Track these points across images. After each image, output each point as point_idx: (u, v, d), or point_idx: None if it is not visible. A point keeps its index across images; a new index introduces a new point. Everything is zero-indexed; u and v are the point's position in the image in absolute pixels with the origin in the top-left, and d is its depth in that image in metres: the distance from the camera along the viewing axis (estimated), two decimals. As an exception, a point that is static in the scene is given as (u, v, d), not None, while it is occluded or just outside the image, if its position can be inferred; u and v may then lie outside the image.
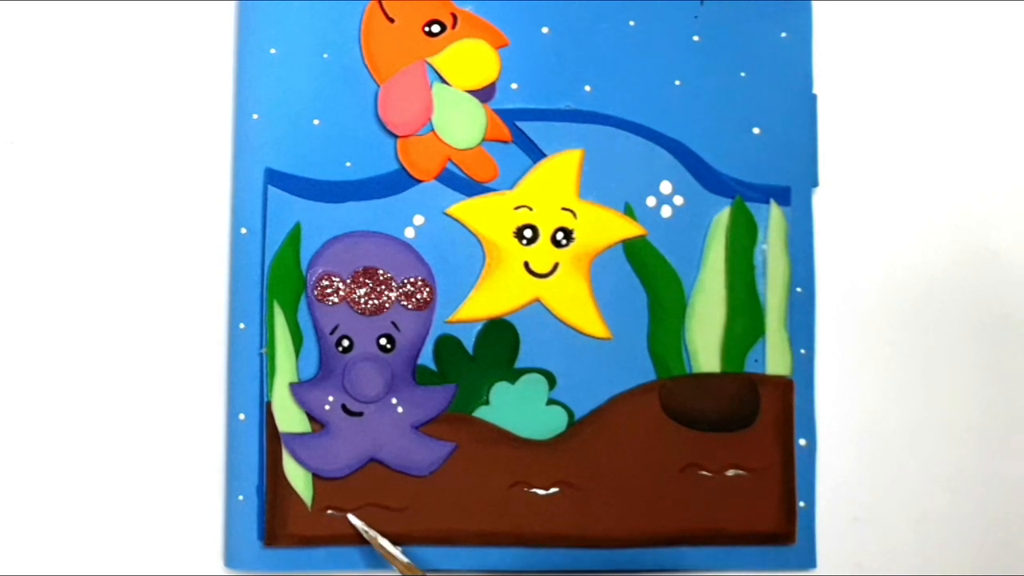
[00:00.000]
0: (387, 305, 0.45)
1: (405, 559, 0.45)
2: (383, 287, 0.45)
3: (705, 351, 0.46)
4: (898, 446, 0.47)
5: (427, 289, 0.46)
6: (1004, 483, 0.47)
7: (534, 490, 0.46)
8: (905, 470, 0.47)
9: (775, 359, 0.47)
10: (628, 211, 0.46)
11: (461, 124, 0.46)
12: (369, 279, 0.45)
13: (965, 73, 0.48)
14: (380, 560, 0.45)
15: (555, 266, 0.46)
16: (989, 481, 0.47)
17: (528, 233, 0.46)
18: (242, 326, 0.46)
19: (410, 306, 0.45)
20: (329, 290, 0.45)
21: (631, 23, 0.47)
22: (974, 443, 0.47)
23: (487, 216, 0.46)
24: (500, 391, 0.46)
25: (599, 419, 0.46)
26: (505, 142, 0.46)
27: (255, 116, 0.46)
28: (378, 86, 0.46)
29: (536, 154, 0.46)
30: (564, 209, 0.46)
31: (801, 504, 0.46)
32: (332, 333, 0.45)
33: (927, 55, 0.48)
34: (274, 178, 0.46)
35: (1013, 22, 0.48)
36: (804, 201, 0.47)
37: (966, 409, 0.47)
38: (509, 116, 0.46)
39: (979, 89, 0.48)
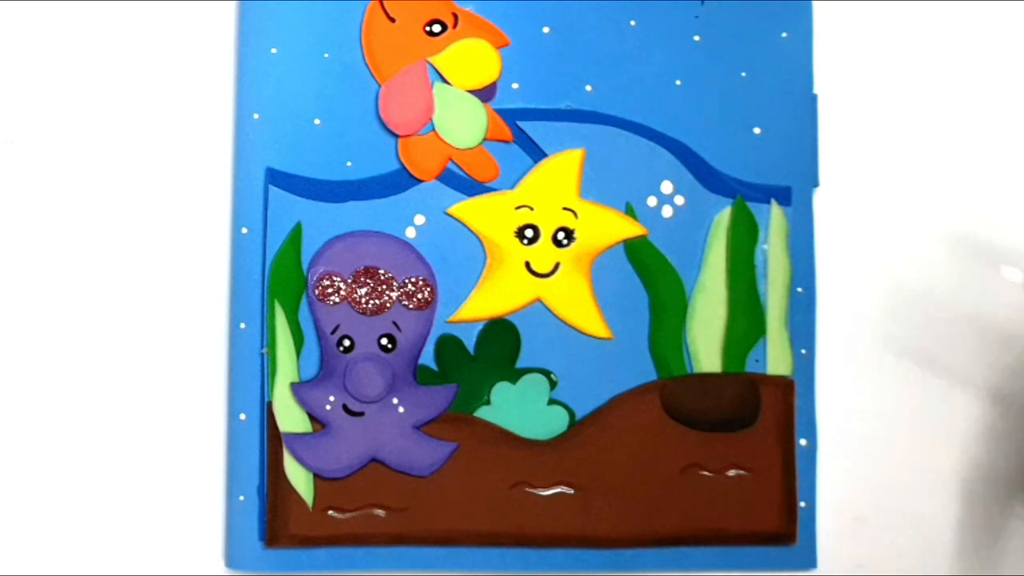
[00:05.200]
0: (388, 305, 0.45)
1: None
2: (384, 287, 0.45)
3: (706, 351, 0.46)
4: (898, 446, 0.47)
5: (428, 289, 0.46)
6: (1004, 483, 0.47)
7: (535, 490, 0.46)
8: (905, 470, 0.47)
9: (776, 359, 0.47)
10: (629, 211, 0.46)
11: (462, 124, 0.46)
12: (370, 279, 0.45)
13: (965, 73, 0.48)
14: (381, 561, 0.45)
15: (556, 266, 0.46)
16: (989, 480, 0.47)
17: (529, 233, 0.46)
18: (243, 326, 0.45)
19: (411, 306, 0.45)
20: (330, 290, 0.45)
21: (632, 23, 0.47)
22: (974, 442, 0.47)
23: (488, 216, 0.46)
24: (501, 391, 0.46)
25: (600, 419, 0.46)
26: (506, 142, 0.46)
27: (256, 116, 0.46)
28: (379, 86, 0.46)
29: (537, 154, 0.46)
30: (565, 209, 0.46)
31: (802, 504, 0.46)
32: (333, 333, 0.45)
33: (927, 55, 0.48)
34: (275, 178, 0.46)
35: (1013, 22, 0.48)
36: (804, 201, 0.47)
37: (966, 409, 0.47)
38: (510, 116, 0.46)
39: (980, 89, 0.48)
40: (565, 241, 0.46)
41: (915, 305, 0.48)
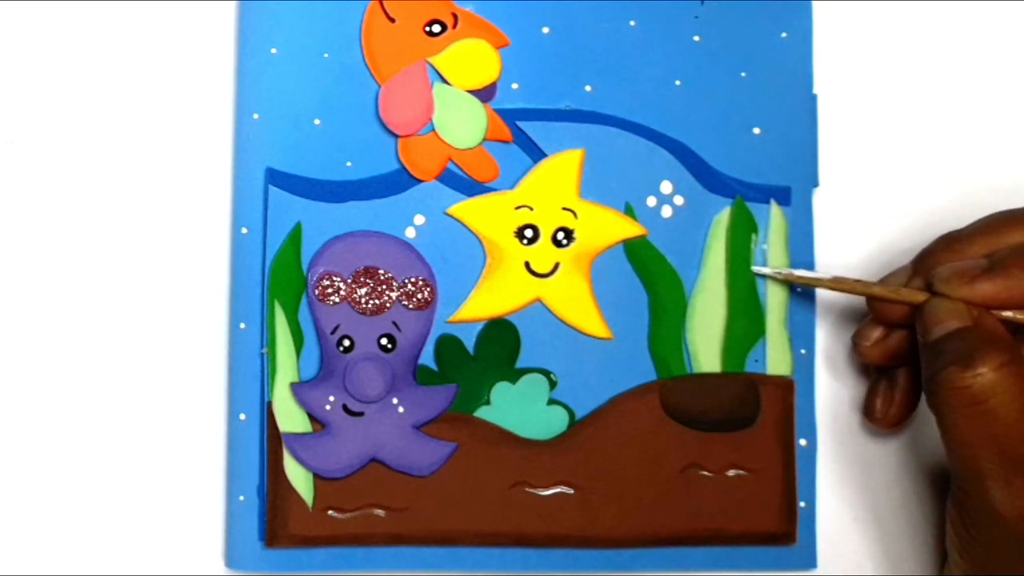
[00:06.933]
0: (388, 305, 0.45)
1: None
2: (384, 287, 0.45)
3: (706, 351, 0.46)
4: (898, 446, 0.47)
5: (428, 289, 0.46)
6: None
7: (535, 490, 0.46)
8: (905, 470, 0.47)
9: (775, 359, 0.46)
10: (629, 211, 0.46)
11: (462, 124, 0.46)
12: (370, 279, 0.45)
13: (966, 73, 0.48)
14: (381, 561, 0.45)
15: (556, 266, 0.46)
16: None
17: (529, 233, 0.46)
18: (243, 326, 0.45)
19: (411, 306, 0.45)
20: (330, 290, 0.45)
21: (631, 23, 0.47)
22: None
23: (488, 216, 0.46)
24: (501, 391, 0.46)
25: (600, 419, 0.46)
26: (506, 142, 0.46)
27: (255, 116, 0.46)
28: (379, 86, 0.46)
29: (537, 154, 0.46)
30: (565, 209, 0.46)
31: (801, 504, 0.46)
32: (333, 333, 0.45)
33: (927, 55, 0.48)
34: (275, 178, 0.46)
35: (1013, 22, 0.48)
36: (804, 201, 0.47)
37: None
38: (510, 116, 0.46)
39: (980, 89, 0.48)
40: (565, 241, 0.46)
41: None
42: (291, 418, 0.45)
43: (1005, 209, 0.44)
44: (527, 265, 0.46)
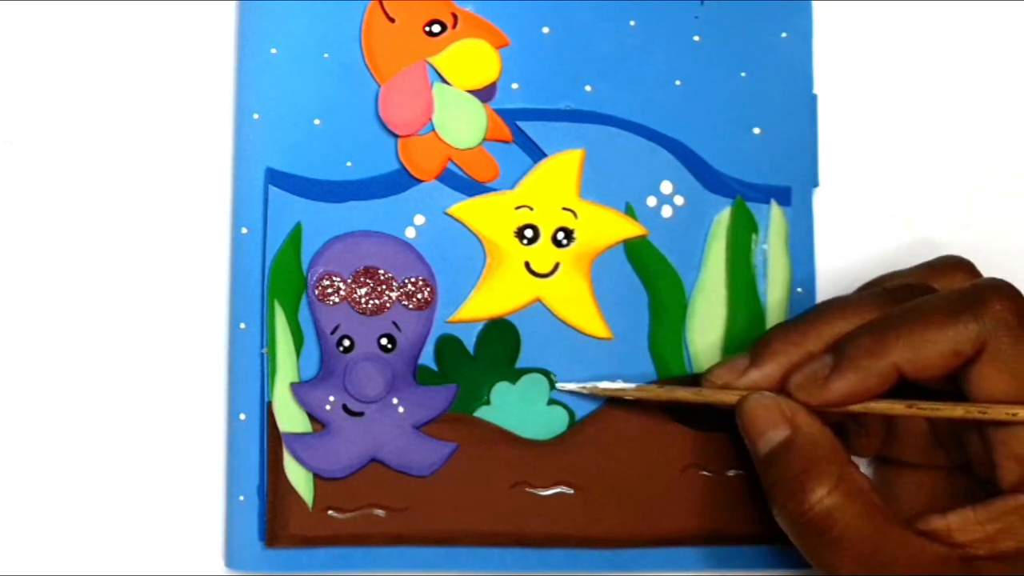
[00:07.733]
0: (388, 305, 0.45)
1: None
2: (384, 287, 0.45)
3: (706, 351, 0.46)
4: (898, 446, 0.47)
5: (428, 289, 0.46)
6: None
7: (535, 490, 0.46)
8: (905, 470, 0.47)
9: (776, 359, 0.47)
10: (629, 211, 0.46)
11: (462, 124, 0.46)
12: (370, 279, 0.45)
13: (966, 73, 0.48)
14: (381, 561, 0.45)
15: (556, 266, 0.46)
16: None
17: (529, 233, 0.46)
18: (242, 326, 0.45)
19: (411, 306, 0.45)
20: (330, 290, 0.45)
21: (631, 23, 0.47)
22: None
23: (488, 216, 0.46)
24: (501, 391, 0.46)
25: (600, 419, 0.46)
26: (506, 142, 0.46)
27: (255, 116, 0.46)
28: (379, 86, 0.46)
29: (537, 154, 0.46)
30: (565, 209, 0.46)
31: (802, 504, 0.46)
32: (333, 333, 0.45)
33: (927, 55, 0.48)
34: (275, 178, 0.46)
35: (1013, 22, 0.48)
36: (804, 201, 0.47)
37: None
38: (510, 116, 0.46)
39: (980, 89, 0.48)
40: (565, 241, 0.46)
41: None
42: (291, 418, 0.45)
43: (834, 296, 0.44)
44: (527, 265, 0.46)
